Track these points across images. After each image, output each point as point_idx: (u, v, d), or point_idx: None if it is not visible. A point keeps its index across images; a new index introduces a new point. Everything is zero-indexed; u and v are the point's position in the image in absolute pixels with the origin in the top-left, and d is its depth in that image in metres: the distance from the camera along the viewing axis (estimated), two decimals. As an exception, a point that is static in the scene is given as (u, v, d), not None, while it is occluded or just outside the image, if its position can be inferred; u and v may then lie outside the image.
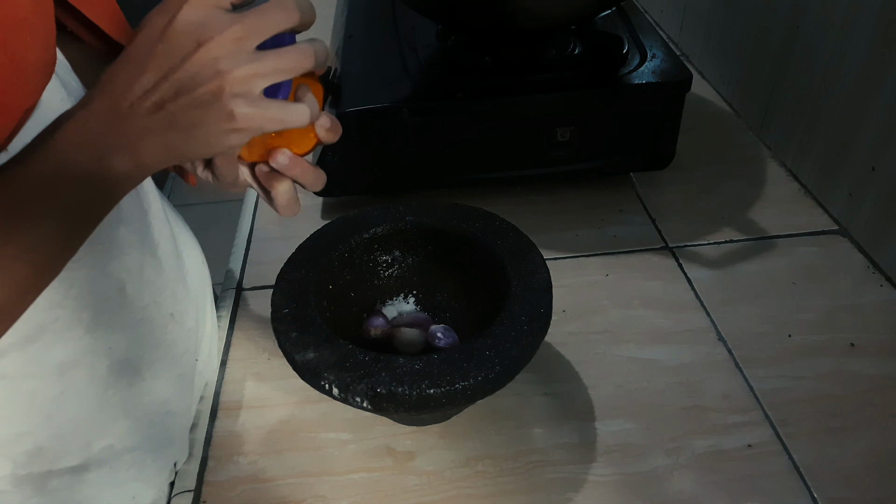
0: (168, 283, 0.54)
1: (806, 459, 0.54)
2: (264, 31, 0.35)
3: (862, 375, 0.60)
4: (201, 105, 0.34)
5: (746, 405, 0.58)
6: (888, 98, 0.66)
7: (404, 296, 0.61)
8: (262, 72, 0.35)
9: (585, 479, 0.53)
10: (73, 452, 0.48)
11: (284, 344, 0.48)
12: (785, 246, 0.73)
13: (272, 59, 0.35)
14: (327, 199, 0.80)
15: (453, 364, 0.46)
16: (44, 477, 0.47)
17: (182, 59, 0.34)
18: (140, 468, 0.53)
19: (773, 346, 0.62)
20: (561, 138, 0.74)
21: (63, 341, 0.45)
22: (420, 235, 0.59)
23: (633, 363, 0.62)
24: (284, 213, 0.45)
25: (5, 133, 0.37)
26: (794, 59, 0.80)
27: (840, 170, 0.74)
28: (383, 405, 0.45)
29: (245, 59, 0.34)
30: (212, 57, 0.34)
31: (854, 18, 0.69)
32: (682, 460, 0.54)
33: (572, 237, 0.75)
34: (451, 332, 0.56)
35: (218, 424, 0.58)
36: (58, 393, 0.46)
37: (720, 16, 0.96)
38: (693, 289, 0.68)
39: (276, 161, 0.42)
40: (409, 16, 0.84)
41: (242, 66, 0.34)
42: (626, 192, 0.81)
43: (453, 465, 0.54)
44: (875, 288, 0.68)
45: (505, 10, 0.67)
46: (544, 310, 0.50)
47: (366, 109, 0.70)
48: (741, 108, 0.93)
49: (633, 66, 0.74)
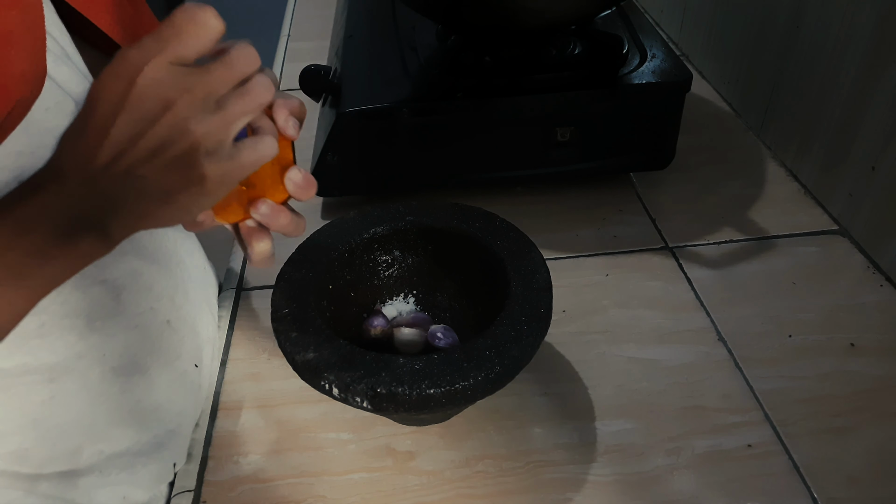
0: (166, 290, 0.53)
1: (806, 459, 0.54)
2: (229, 82, 0.33)
3: (862, 375, 0.60)
4: (175, 167, 0.33)
5: (746, 405, 0.58)
6: (888, 98, 0.66)
7: (404, 296, 0.61)
8: (230, 120, 0.33)
9: (585, 479, 0.53)
10: (62, 457, 0.48)
11: (284, 344, 0.48)
12: (785, 246, 0.73)
13: (237, 103, 0.34)
14: (327, 199, 0.80)
15: (453, 364, 0.46)
16: (32, 479, 0.47)
17: (150, 123, 0.32)
18: (131, 472, 0.52)
19: (773, 346, 0.62)
20: (561, 138, 0.74)
21: (52, 348, 0.44)
22: (420, 235, 0.59)
23: (633, 363, 0.62)
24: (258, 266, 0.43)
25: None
26: (794, 60, 0.80)
27: (840, 170, 0.74)
28: (383, 405, 0.45)
29: (212, 113, 0.33)
30: (182, 118, 0.32)
31: (854, 18, 0.69)
32: (682, 460, 0.54)
33: (572, 237, 0.75)
34: (451, 332, 0.56)
35: (218, 424, 0.58)
36: (47, 398, 0.45)
37: (720, 16, 0.96)
38: (693, 289, 0.68)
39: (259, 211, 0.40)
40: (409, 16, 0.84)
41: (211, 121, 0.33)
42: (626, 192, 0.81)
43: (453, 465, 0.54)
44: (875, 288, 0.68)
45: (505, 9, 0.67)
46: (544, 310, 0.50)
47: (366, 109, 0.70)
48: (741, 108, 0.93)
49: (633, 66, 0.74)
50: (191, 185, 0.34)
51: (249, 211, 0.41)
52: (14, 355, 0.43)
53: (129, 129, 0.32)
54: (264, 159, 0.35)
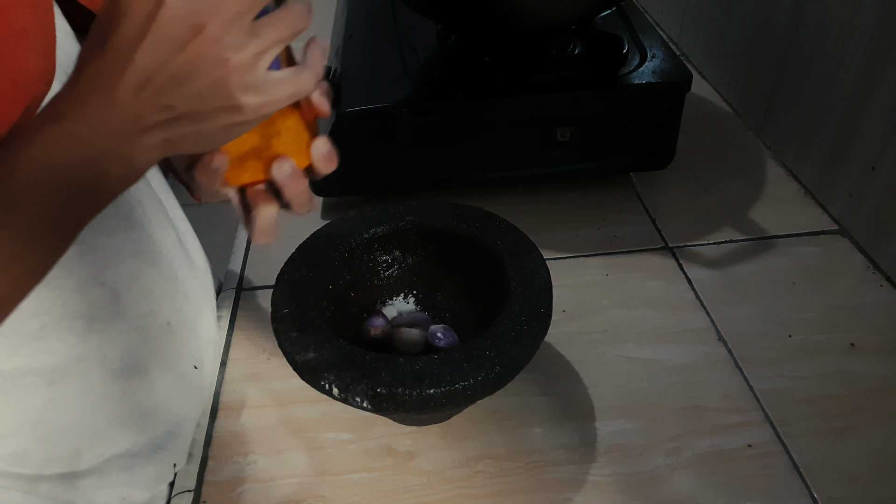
0: (166, 292, 0.53)
1: (806, 459, 0.54)
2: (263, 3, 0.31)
3: (862, 375, 0.60)
4: (205, 97, 0.31)
5: (746, 405, 0.58)
6: (888, 98, 0.66)
7: (404, 296, 0.61)
8: (264, 48, 0.31)
9: (585, 479, 0.53)
10: (63, 459, 0.48)
11: (284, 344, 0.48)
12: (785, 246, 0.73)
13: (271, 29, 0.32)
14: (327, 199, 0.80)
15: (453, 364, 0.46)
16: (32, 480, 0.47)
17: (179, 47, 0.30)
18: (131, 473, 0.52)
19: (773, 346, 0.62)
20: (561, 138, 0.74)
21: (52, 350, 0.44)
22: (420, 235, 0.59)
23: (633, 363, 0.62)
24: (259, 240, 0.41)
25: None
26: (794, 59, 0.80)
27: (840, 170, 0.74)
28: (383, 405, 0.45)
29: (245, 38, 0.31)
30: (211, 42, 0.30)
31: (854, 18, 0.69)
32: (682, 460, 0.54)
33: (572, 237, 0.75)
34: (451, 332, 0.56)
35: (218, 424, 0.58)
36: (47, 400, 0.45)
37: (720, 16, 0.96)
38: (693, 289, 0.68)
39: (281, 169, 0.38)
40: (409, 16, 0.84)
41: (245, 48, 0.31)
42: (626, 192, 0.81)
43: (453, 465, 0.54)
44: (875, 288, 0.68)
45: (505, 9, 0.67)
46: (544, 310, 0.50)
47: (366, 109, 0.70)
48: (741, 108, 0.93)
49: (633, 66, 0.74)
50: (225, 113, 0.32)
51: (269, 170, 0.39)
52: (14, 357, 0.43)
53: (155, 53, 0.30)
54: (303, 93, 0.34)
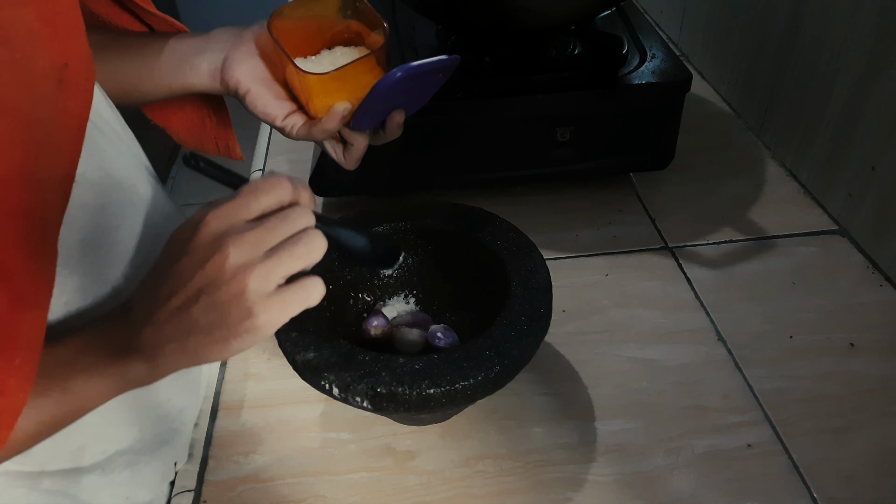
0: None
1: (806, 459, 0.54)
2: (284, 232, 0.36)
3: (862, 375, 0.60)
4: (223, 305, 0.35)
5: (746, 405, 0.58)
6: (888, 98, 0.66)
7: (404, 296, 0.61)
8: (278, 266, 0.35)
9: (585, 479, 0.53)
10: (65, 456, 0.48)
11: (284, 344, 0.48)
12: (785, 246, 0.73)
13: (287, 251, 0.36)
14: (327, 199, 0.80)
15: (453, 364, 0.46)
16: (36, 476, 0.47)
17: (203, 263, 0.35)
18: (134, 470, 0.52)
19: (773, 346, 0.62)
20: (561, 138, 0.74)
21: None
22: (420, 235, 0.59)
23: (633, 363, 0.62)
24: (351, 166, 0.55)
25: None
26: (794, 59, 0.80)
27: (840, 170, 0.74)
28: (383, 405, 0.45)
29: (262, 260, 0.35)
30: (231, 256, 0.35)
31: (854, 18, 0.69)
32: (682, 460, 0.54)
33: (572, 237, 0.75)
34: (451, 332, 0.56)
35: (218, 424, 0.59)
36: None
37: (720, 16, 0.96)
38: (693, 289, 0.69)
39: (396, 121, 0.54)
40: (409, 16, 0.84)
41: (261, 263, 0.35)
42: (626, 192, 0.81)
43: (453, 465, 0.54)
44: (875, 288, 0.68)
45: (505, 9, 0.67)
46: (544, 310, 0.50)
47: (366, 109, 0.70)
48: (741, 108, 0.93)
49: (633, 66, 0.74)
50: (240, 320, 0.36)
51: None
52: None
53: (185, 270, 0.36)
54: (311, 303, 0.37)
